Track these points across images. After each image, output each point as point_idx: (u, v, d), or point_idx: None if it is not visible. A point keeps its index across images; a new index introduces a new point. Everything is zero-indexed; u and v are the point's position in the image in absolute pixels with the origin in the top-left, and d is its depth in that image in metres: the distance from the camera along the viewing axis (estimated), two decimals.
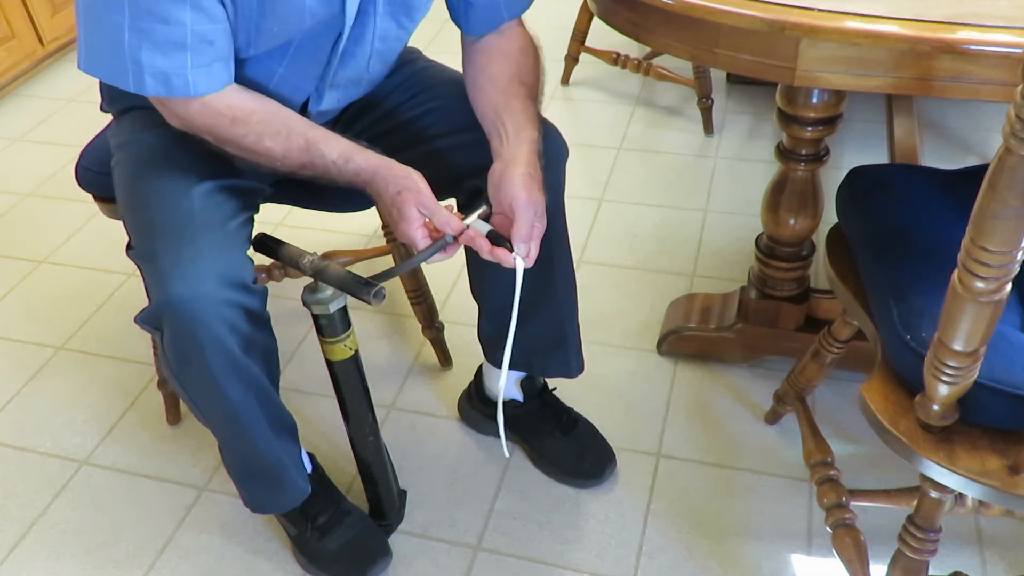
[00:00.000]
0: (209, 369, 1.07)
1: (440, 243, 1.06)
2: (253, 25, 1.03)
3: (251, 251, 1.14)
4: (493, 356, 1.46)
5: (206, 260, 1.05)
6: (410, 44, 1.35)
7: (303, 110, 1.19)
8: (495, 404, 1.50)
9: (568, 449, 1.47)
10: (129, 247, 1.14)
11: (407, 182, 1.05)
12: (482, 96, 1.18)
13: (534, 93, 1.18)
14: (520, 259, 1.07)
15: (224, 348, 1.07)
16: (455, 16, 1.22)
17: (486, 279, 1.34)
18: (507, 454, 1.51)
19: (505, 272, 1.12)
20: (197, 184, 1.10)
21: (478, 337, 1.44)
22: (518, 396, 1.49)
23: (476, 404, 1.55)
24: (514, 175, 1.08)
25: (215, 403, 1.14)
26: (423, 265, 1.57)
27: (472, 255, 1.28)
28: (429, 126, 1.27)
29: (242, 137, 1.06)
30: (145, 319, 1.08)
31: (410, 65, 1.34)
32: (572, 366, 1.43)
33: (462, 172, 1.24)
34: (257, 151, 1.07)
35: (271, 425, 1.20)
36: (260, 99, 1.08)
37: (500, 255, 1.08)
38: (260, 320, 1.12)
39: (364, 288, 1.03)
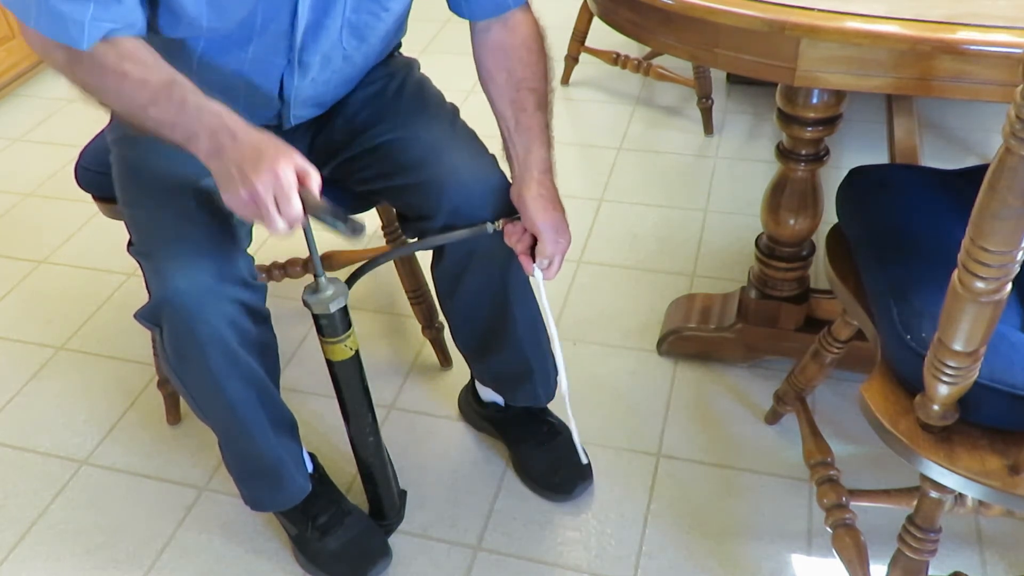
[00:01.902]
0: (208, 364, 1.08)
1: (479, 228, 1.14)
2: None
3: (251, 248, 1.14)
4: (471, 367, 1.48)
5: (206, 256, 1.05)
6: (409, 44, 1.34)
7: (280, 93, 1.15)
8: (487, 405, 1.51)
9: (542, 460, 1.45)
10: (130, 244, 1.14)
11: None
12: (494, 107, 1.19)
13: (543, 98, 1.18)
14: (540, 271, 1.16)
15: (223, 344, 1.07)
16: (454, 4, 1.17)
17: (452, 307, 1.35)
18: None
19: (469, 303, 1.22)
20: (196, 180, 1.10)
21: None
22: (500, 400, 1.49)
23: (472, 403, 1.56)
24: (528, 199, 1.13)
25: (214, 399, 1.14)
26: (422, 266, 1.58)
27: (440, 282, 1.32)
28: (385, 157, 1.23)
29: (102, 56, 0.96)
30: (145, 315, 1.08)
31: (402, 71, 1.31)
32: (540, 395, 1.43)
33: (406, 214, 1.25)
34: (112, 73, 0.97)
35: (271, 422, 1.20)
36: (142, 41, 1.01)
37: (524, 262, 1.16)
38: (260, 316, 1.12)
39: (342, 221, 0.96)
